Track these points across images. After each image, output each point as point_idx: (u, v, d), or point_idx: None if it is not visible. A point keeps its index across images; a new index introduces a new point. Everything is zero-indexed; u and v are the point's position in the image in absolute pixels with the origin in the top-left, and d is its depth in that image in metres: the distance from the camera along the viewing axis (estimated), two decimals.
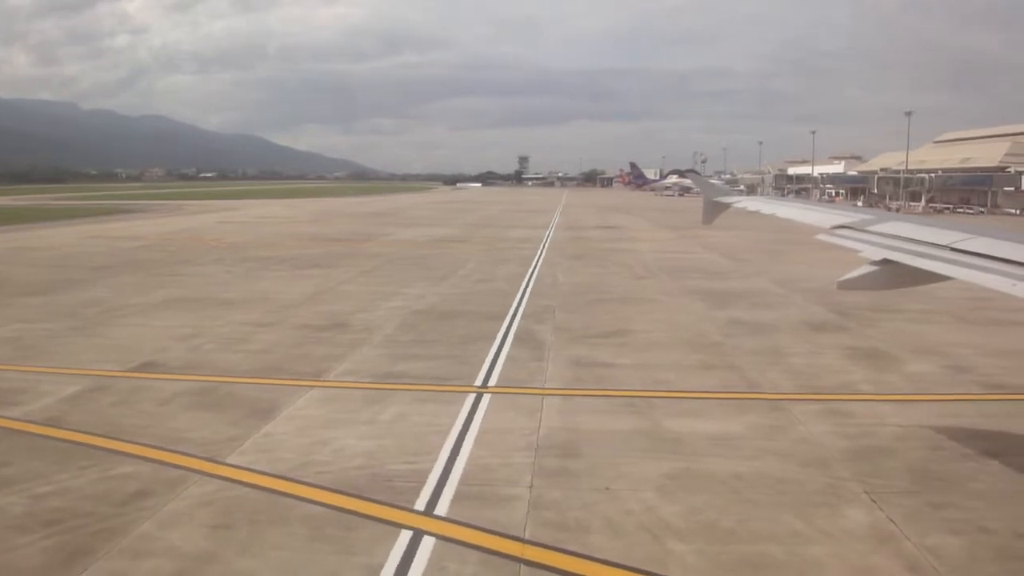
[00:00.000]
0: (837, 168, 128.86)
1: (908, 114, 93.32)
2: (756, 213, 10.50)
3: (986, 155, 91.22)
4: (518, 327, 14.84)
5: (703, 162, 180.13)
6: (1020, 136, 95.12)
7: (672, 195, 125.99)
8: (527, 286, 20.31)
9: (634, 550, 6.00)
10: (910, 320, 16.27)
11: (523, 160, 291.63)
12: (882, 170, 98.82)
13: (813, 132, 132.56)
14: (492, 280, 21.31)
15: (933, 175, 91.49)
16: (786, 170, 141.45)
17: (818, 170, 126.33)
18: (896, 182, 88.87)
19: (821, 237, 7.96)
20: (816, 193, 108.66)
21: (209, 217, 54.25)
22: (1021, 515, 6.63)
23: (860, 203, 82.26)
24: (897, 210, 71.77)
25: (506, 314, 16.02)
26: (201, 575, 5.65)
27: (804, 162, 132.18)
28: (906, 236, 6.80)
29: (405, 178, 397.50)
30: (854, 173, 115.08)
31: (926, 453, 8.18)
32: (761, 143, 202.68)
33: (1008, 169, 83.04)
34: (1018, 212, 75.03)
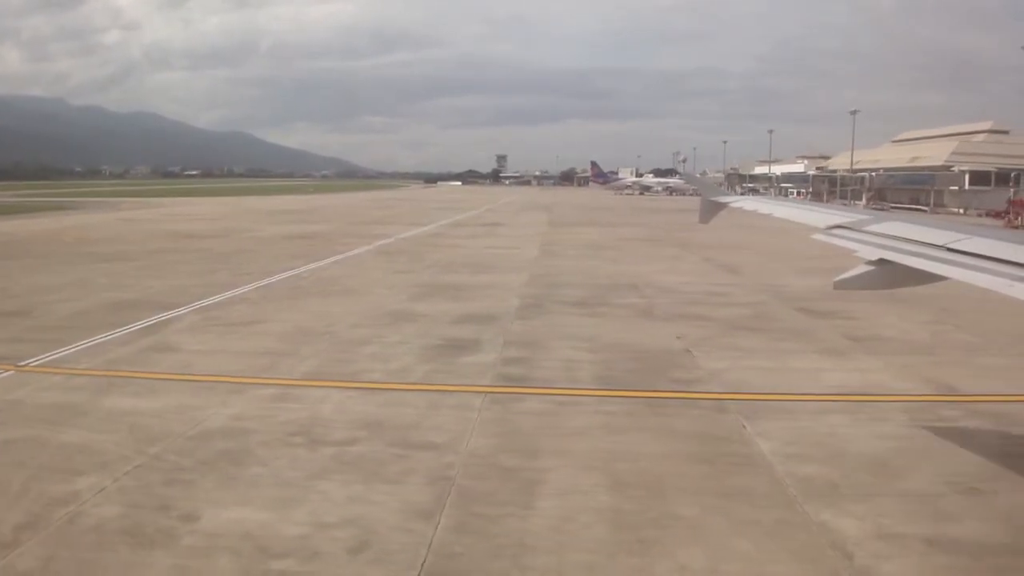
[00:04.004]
0: (799, 167, 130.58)
1: (853, 113, 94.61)
2: (753, 212, 10.52)
3: (935, 154, 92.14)
4: (182, 313, 15.70)
5: (683, 161, 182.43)
6: (968, 135, 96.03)
7: (632, 193, 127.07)
8: (278, 278, 21.12)
9: None
10: (609, 315, 16.70)
11: (501, 159, 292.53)
12: (817, 169, 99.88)
13: (770, 131, 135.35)
14: (254, 273, 21.96)
15: (874, 174, 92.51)
16: (751, 169, 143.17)
17: (780, 169, 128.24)
18: (833, 181, 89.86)
19: (817, 237, 7.93)
20: (772, 191, 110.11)
21: (118, 214, 55.05)
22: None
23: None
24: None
25: (190, 303, 16.81)
26: None
27: (776, 161, 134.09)
28: (903, 236, 6.74)
29: (393, 176, 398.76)
30: (812, 172, 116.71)
31: (247, 438, 8.49)
32: (726, 142, 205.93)
33: (952, 168, 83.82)
34: (962, 211, 75.63)
